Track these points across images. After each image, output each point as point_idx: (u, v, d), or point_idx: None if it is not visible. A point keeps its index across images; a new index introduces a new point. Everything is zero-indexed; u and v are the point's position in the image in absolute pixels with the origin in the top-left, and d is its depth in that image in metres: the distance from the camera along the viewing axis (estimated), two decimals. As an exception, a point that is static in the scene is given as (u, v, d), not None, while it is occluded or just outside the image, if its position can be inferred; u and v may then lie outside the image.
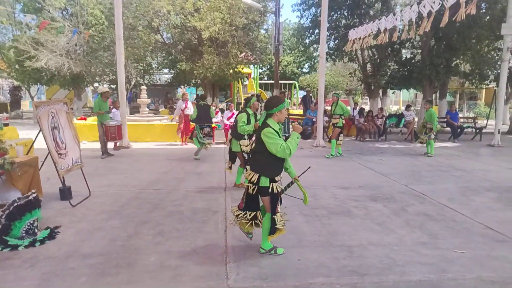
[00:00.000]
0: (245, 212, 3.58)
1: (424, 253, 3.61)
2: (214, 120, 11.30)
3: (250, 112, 5.82)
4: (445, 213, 4.86)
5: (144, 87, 13.76)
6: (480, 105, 27.47)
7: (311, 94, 16.04)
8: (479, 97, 29.59)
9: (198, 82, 19.77)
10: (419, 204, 5.23)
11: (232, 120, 11.12)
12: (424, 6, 6.60)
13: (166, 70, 23.53)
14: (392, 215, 4.77)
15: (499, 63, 13.20)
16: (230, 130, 6.42)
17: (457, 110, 14.21)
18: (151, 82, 22.93)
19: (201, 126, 8.47)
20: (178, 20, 15.04)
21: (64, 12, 16.77)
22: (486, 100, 27.02)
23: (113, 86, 18.92)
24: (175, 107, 18.31)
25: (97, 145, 9.29)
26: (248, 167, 3.57)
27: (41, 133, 4.89)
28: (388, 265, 3.35)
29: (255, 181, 3.40)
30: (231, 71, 15.28)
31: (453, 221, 4.54)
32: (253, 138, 5.33)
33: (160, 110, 20.39)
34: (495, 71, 15.09)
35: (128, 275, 3.16)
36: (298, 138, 3.32)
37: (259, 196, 3.48)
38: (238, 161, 6.18)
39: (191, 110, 10.86)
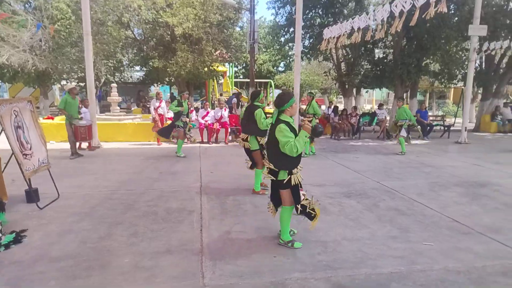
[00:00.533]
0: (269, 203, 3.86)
1: (394, 246, 3.72)
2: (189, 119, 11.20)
3: (261, 105, 5.62)
4: (414, 207, 5.03)
5: (114, 84, 13.40)
6: (448, 103, 28.64)
7: None
8: (448, 96, 30.84)
9: (172, 80, 19.45)
10: (390, 200, 5.38)
11: (207, 119, 11.05)
12: (396, 6, 6.79)
13: (138, 68, 22.98)
14: (365, 210, 4.88)
15: (466, 63, 13.77)
16: (242, 128, 5.95)
17: (426, 108, 14.74)
18: (122, 79, 22.34)
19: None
20: (150, 15, 14.70)
21: (26, 5, 15.99)
22: (454, 99, 28.20)
23: (82, 84, 18.28)
24: (148, 105, 17.99)
25: (66, 145, 8.97)
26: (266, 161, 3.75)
27: (3, 132, 4.65)
28: (361, 258, 3.43)
29: (275, 176, 3.58)
30: (205, 69, 15.13)
31: (422, 215, 4.70)
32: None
33: (133, 108, 19.94)
34: (463, 71, 15.77)
35: (101, 277, 3.07)
36: (306, 137, 3.44)
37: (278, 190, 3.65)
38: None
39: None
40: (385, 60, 15.69)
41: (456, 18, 14.14)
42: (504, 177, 6.95)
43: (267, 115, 5.67)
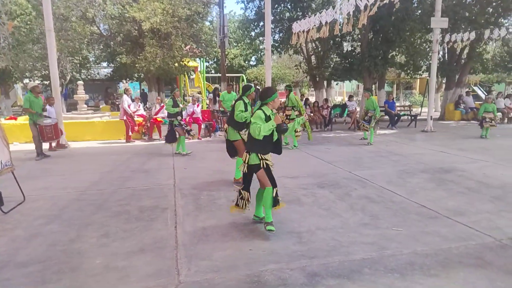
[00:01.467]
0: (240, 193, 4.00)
1: (366, 233, 3.84)
2: (160, 115, 11.02)
3: (247, 100, 5.66)
4: (384, 195, 5.19)
5: (81, 82, 12.93)
6: (415, 94, 29.68)
7: (258, 87, 16.19)
8: (414, 87, 31.94)
9: (142, 76, 19.00)
10: (361, 188, 5.53)
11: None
12: (361, 0, 6.94)
13: (105, 64, 22.28)
14: (337, 200, 4.99)
15: (430, 54, 14.31)
16: (226, 119, 6.10)
17: (394, 99, 15.20)
18: (89, 76, 21.60)
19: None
20: (116, 10, 14.24)
21: (-18, 1, 15.12)
22: (421, 89, 29.24)
23: (46, 82, 17.52)
24: (117, 103, 17.46)
25: (30, 146, 8.59)
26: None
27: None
28: (334, 247, 3.51)
29: (245, 160, 3.82)
30: (176, 64, 14.87)
31: (391, 202, 4.87)
32: None
33: (101, 106, 19.34)
34: (427, 62, 16.37)
35: (71, 281, 2.98)
36: (273, 126, 3.68)
37: (254, 174, 3.90)
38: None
39: (126, 104, 10.40)
40: (353, 53, 16.01)
41: (420, 11, 14.62)
42: (467, 163, 7.30)
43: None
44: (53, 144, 9.41)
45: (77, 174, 6.70)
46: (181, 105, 8.37)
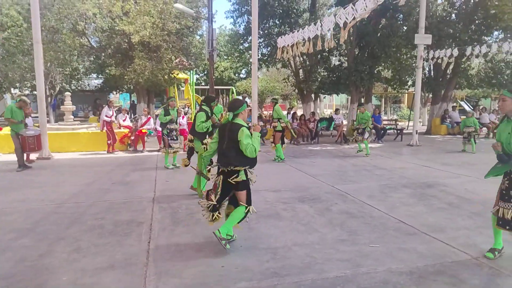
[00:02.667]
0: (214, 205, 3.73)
1: (342, 249, 3.79)
2: (146, 127, 10.94)
3: (208, 109, 5.93)
4: (364, 210, 5.17)
5: (68, 93, 12.85)
6: (403, 108, 30.09)
7: (247, 99, 16.22)
8: (402, 101, 32.42)
9: (131, 88, 18.97)
10: (342, 203, 5.50)
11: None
12: (340, 17, 7.05)
13: (95, 75, 22.25)
14: (317, 215, 4.95)
15: (415, 70, 14.57)
16: (190, 131, 6.30)
17: (380, 113, 15.37)
18: (79, 87, 21.52)
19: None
20: (106, 23, 14.30)
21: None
22: (408, 103, 29.67)
23: (35, 93, 17.38)
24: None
25: (13, 157, 8.44)
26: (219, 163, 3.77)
27: None
28: (309, 264, 3.46)
29: (237, 175, 3.65)
30: (165, 76, 14.88)
31: (371, 217, 4.84)
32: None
33: (90, 117, 19.20)
34: (413, 77, 16.64)
35: (33, 300, 2.87)
36: (259, 137, 3.74)
37: (233, 191, 3.74)
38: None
39: (104, 114, 10.30)
40: (341, 67, 16.23)
41: (405, 28, 14.94)
42: (450, 177, 7.35)
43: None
44: (34, 156, 9.24)
45: (57, 186, 6.57)
46: (172, 113, 8.28)
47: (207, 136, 5.86)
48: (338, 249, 3.81)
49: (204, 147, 5.64)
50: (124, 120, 11.66)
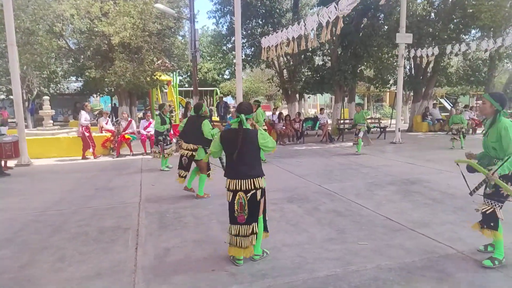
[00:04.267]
0: (246, 225, 3.38)
1: (332, 248, 3.80)
2: (129, 131, 10.74)
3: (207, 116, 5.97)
4: (352, 208, 5.21)
5: (47, 97, 12.50)
6: (385, 106, 30.59)
7: (225, 100, 16.23)
8: (385, 99, 32.95)
9: (112, 90, 18.61)
10: (330, 202, 5.53)
11: (149, 129, 10.64)
12: (322, 16, 7.11)
13: (74, 78, 21.73)
14: (305, 214, 4.96)
15: (397, 68, 14.84)
16: (186, 138, 5.97)
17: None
18: (58, 91, 20.98)
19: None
20: (84, 24, 13.95)
21: None
22: (390, 102, 30.19)
23: (12, 97, 16.83)
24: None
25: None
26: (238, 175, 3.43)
27: None
28: (299, 264, 3.45)
29: (259, 186, 3.41)
30: (147, 78, 14.65)
31: (359, 215, 4.88)
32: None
33: (70, 121, 18.75)
34: (395, 76, 16.94)
35: (16, 313, 2.76)
36: (218, 133, 3.67)
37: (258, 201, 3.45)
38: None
39: (83, 119, 10.02)
40: (324, 67, 16.36)
41: (386, 27, 15.19)
42: (433, 173, 7.49)
43: (213, 124, 5.93)
44: (13, 163, 8.94)
45: (38, 194, 6.37)
46: (168, 125, 8.40)
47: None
48: (328, 248, 3.82)
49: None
50: (106, 124, 11.42)
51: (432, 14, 16.16)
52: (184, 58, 17.29)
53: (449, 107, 23.02)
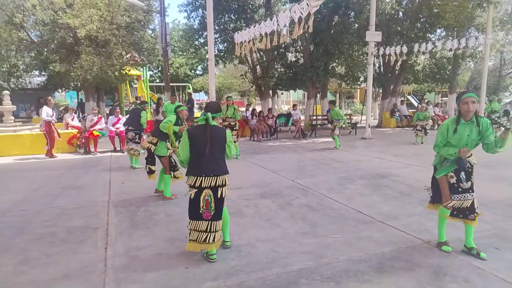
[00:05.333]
0: (215, 221, 3.41)
1: (305, 242, 3.85)
2: (98, 127, 10.38)
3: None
4: (324, 202, 5.30)
5: (6, 92, 11.84)
6: (356, 103, 31.33)
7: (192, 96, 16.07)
8: (355, 96, 33.73)
9: (79, 85, 17.91)
10: (302, 197, 5.60)
11: (118, 126, 10.35)
12: (294, 12, 7.16)
13: (37, 72, 20.72)
14: (279, 210, 4.99)
15: (367, 66, 15.20)
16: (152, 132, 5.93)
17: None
18: (19, 86, 19.94)
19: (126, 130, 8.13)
20: (47, 16, 13.28)
21: None
22: (361, 99, 30.95)
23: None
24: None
25: None
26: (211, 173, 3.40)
27: None
28: (273, 259, 3.47)
29: (226, 182, 3.47)
30: (116, 73, 14.19)
31: (331, 209, 4.98)
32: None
33: (33, 117, 17.90)
34: (365, 73, 17.35)
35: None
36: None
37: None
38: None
39: (44, 114, 9.57)
40: (297, 64, 16.50)
41: (356, 25, 15.51)
42: (401, 168, 7.75)
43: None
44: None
45: (-2, 194, 6.04)
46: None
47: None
48: (301, 242, 3.87)
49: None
50: (72, 120, 10.97)
51: (400, 13, 16.66)
52: (155, 53, 16.91)
53: (416, 104, 23.88)
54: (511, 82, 24.15)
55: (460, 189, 3.50)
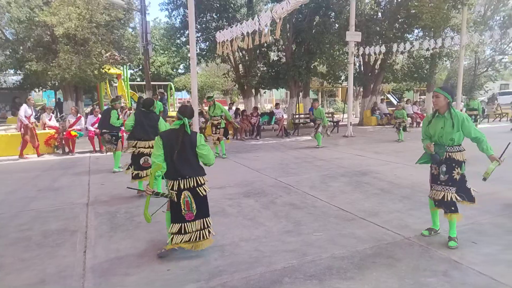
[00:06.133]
0: (197, 220, 3.45)
1: (288, 240, 3.86)
2: (76, 127, 10.13)
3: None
4: (307, 200, 5.32)
5: (-20, 91, 11.41)
6: (338, 101, 31.68)
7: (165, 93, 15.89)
8: (337, 95, 34.11)
9: (57, 84, 17.42)
10: (286, 195, 5.61)
11: (96, 126, 10.10)
12: (276, 12, 7.16)
13: (12, 71, 20.05)
14: (262, 208, 4.98)
15: (347, 65, 15.38)
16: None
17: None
18: (-6, 85, 19.29)
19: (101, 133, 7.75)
20: (23, 13, 12.85)
21: None
22: (342, 97, 31.32)
23: None
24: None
25: None
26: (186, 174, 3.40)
27: None
28: (257, 258, 3.46)
29: (202, 182, 3.47)
30: (95, 71, 13.87)
31: (313, 207, 5.00)
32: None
33: (8, 117, 17.32)
34: (346, 72, 17.56)
35: None
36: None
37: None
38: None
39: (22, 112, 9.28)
40: (279, 63, 16.55)
41: (337, 25, 15.68)
42: (381, 165, 7.87)
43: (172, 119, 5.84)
44: None
45: (-30, 198, 5.80)
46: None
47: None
48: (284, 240, 3.87)
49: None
50: (49, 120, 10.67)
51: (379, 14, 16.94)
52: (135, 51, 16.63)
53: (395, 102, 24.34)
54: (485, 80, 24.91)
55: (438, 181, 3.69)
